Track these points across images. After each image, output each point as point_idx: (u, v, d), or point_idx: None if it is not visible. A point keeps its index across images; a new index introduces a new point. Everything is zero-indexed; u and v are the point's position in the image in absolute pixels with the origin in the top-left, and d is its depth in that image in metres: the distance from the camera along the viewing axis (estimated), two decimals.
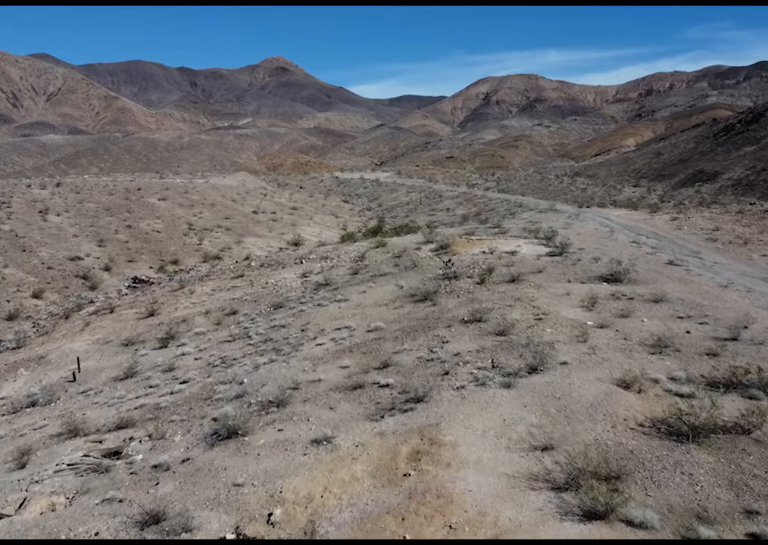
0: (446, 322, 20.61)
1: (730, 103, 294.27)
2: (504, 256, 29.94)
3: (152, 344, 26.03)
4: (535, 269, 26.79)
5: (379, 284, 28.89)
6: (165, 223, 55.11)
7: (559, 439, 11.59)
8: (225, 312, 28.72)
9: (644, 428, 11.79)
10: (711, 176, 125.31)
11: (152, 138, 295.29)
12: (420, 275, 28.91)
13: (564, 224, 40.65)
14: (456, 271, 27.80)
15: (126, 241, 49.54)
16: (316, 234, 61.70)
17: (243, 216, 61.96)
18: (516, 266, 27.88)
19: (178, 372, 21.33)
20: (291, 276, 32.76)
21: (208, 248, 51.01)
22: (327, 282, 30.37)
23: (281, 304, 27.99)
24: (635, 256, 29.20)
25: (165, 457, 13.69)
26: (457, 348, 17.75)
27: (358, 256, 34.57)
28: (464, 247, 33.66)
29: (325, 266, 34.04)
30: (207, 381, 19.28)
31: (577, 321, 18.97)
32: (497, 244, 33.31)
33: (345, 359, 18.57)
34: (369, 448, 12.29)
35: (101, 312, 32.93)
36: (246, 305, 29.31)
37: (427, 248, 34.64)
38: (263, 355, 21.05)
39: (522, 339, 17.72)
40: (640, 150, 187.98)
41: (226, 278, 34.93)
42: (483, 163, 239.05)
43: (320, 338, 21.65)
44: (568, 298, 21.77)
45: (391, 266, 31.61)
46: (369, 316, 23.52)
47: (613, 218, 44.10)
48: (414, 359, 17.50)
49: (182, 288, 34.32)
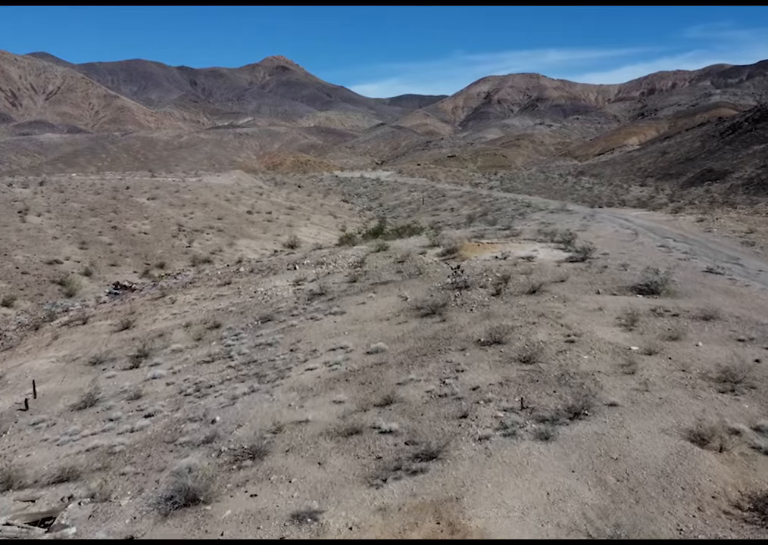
0: (459, 344, 17.48)
1: (734, 102, 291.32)
2: (519, 263, 26.78)
3: (123, 362, 22.91)
4: (557, 278, 23.64)
5: (381, 294, 25.76)
6: (153, 224, 51.97)
7: (628, 528, 8.44)
8: (207, 325, 25.60)
9: (744, 513, 8.64)
10: (720, 175, 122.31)
11: (151, 136, 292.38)
12: (426, 284, 25.76)
13: (581, 226, 37.45)
14: (467, 279, 24.65)
15: (110, 243, 46.40)
16: (314, 235, 58.57)
17: (237, 216, 58.81)
18: (534, 274, 24.73)
19: (144, 401, 18.21)
20: (282, 284, 29.61)
21: (198, 251, 47.86)
22: (322, 291, 27.24)
23: (270, 317, 24.87)
24: (667, 262, 26.03)
25: (102, 533, 10.56)
26: (474, 379, 14.62)
27: (357, 261, 31.43)
28: (474, 251, 30.50)
29: (320, 272, 30.90)
30: (174, 416, 16.14)
31: (618, 345, 15.82)
32: (511, 249, 30.15)
33: (340, 391, 15.44)
34: (368, 532, 9.15)
35: (74, 323, 29.80)
36: (231, 317, 26.17)
37: (433, 252, 31.49)
38: (245, 382, 17.92)
39: (553, 368, 14.59)
40: (644, 149, 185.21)
41: (211, 286, 31.78)
42: (485, 162, 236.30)
43: (312, 361, 18.53)
44: (601, 314, 18.62)
45: (394, 273, 28.48)
46: (369, 334, 20.39)
47: (632, 219, 40.92)
48: (423, 393, 14.37)
49: (164, 297, 31.17)
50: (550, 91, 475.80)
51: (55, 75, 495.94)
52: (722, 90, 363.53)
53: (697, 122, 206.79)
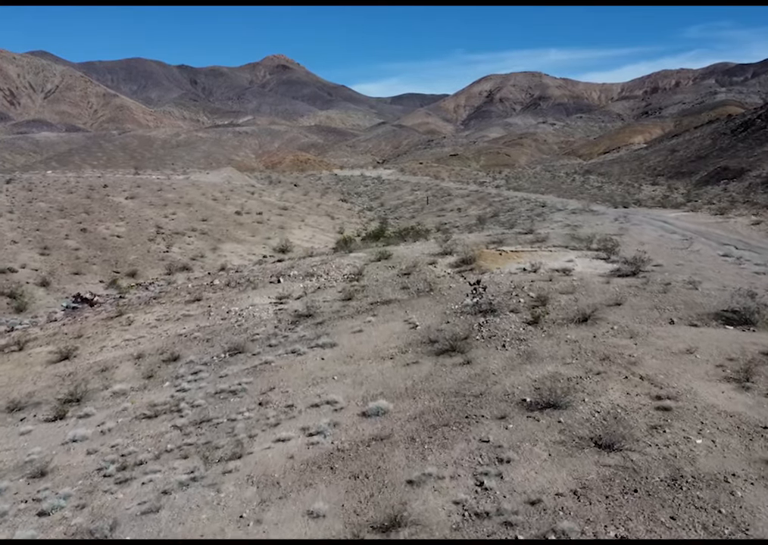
0: (496, 406, 12.15)
1: (740, 100, 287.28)
2: (556, 277, 21.40)
3: (47, 410, 17.56)
4: (611, 300, 18.30)
5: (382, 317, 20.42)
6: (129, 226, 46.64)
7: None
8: (163, 357, 20.27)
9: None
10: (737, 174, 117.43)
11: (148, 135, 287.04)
12: (440, 305, 20.42)
13: (617, 229, 32.00)
14: (491, 300, 19.32)
15: (77, 248, 41.07)
16: (308, 238, 53.20)
17: (224, 217, 53.42)
18: (578, 293, 19.38)
19: (48, 482, 12.88)
20: (262, 302, 24.24)
21: (177, 256, 42.52)
22: (309, 312, 21.91)
23: (241, 348, 19.53)
24: (742, 277, 20.66)
25: None
26: (530, 481, 9.28)
27: (354, 272, 26.08)
28: (495, 261, 25.13)
29: (309, 286, 25.52)
30: (73, 523, 10.80)
31: (741, 417, 10.47)
32: (540, 258, 24.75)
33: (320, 491, 10.10)
34: None
35: (8, 349, 24.42)
36: (195, 346, 20.83)
37: (445, 262, 26.12)
38: (188, 458, 12.60)
39: (654, 464, 9.24)
40: (652, 147, 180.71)
41: (179, 303, 26.39)
42: (488, 161, 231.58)
43: (285, 425, 13.19)
44: (693, 360, 13.26)
45: (398, 289, 23.13)
46: (367, 381, 15.07)
47: (673, 221, 35.49)
48: (450, 506, 9.03)
49: (120, 316, 25.80)
50: (552, 90, 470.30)
51: (54, 73, 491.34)
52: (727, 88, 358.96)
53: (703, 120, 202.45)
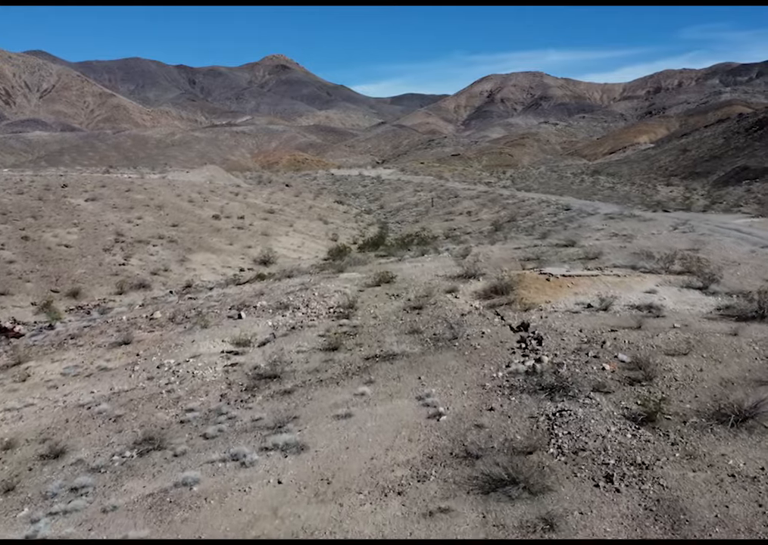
0: None
1: (745, 99, 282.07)
2: (646, 323, 14.09)
3: None
4: (753, 367, 11.01)
5: (382, 386, 13.18)
6: (83, 233, 39.42)
7: None
8: (44, 448, 12.99)
9: None
10: (760, 173, 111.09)
11: (143, 135, 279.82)
12: (472, 369, 13.20)
13: (687, 242, 24.60)
14: (557, 364, 12.10)
15: (12, 260, 33.83)
16: (296, 246, 45.89)
17: (198, 222, 46.13)
18: (696, 353, 12.12)
19: None
20: (210, 350, 16.89)
21: (135, 270, 35.29)
22: (274, 372, 14.66)
23: (158, 441, 12.25)
24: None
25: None
26: None
27: (344, 304, 18.74)
28: (541, 290, 17.83)
29: (280, 324, 18.18)
30: None
31: None
32: (607, 287, 17.46)
33: None
34: None
35: None
36: (94, 430, 13.54)
37: (469, 290, 18.83)
38: None
39: None
40: (660, 147, 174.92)
41: (100, 345, 19.03)
42: (491, 161, 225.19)
43: None
44: None
45: (406, 334, 15.88)
46: None
47: (746, 229, 28.21)
48: None
49: (18, 365, 18.47)
50: (554, 90, 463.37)
51: (50, 73, 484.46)
52: (732, 88, 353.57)
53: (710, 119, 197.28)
